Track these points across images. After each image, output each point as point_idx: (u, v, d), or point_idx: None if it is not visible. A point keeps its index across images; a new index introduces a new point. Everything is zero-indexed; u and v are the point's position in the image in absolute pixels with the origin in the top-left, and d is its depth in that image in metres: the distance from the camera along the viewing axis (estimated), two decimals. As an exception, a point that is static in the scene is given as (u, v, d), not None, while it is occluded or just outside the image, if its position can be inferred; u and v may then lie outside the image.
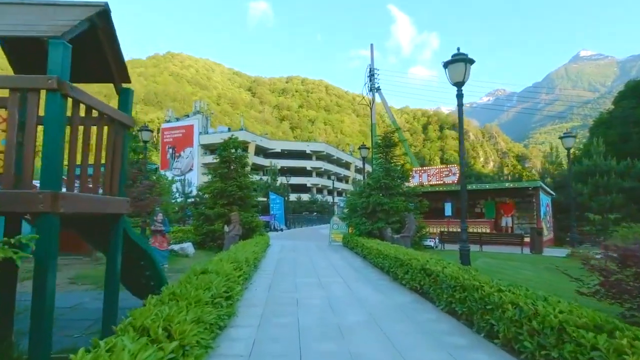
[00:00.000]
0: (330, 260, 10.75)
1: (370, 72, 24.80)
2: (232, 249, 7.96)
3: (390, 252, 7.98)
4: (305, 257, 11.36)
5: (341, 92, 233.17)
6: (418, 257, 6.77)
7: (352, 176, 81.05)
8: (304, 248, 14.45)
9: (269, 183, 32.73)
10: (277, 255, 11.84)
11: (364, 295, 6.25)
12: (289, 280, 7.58)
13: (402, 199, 12.88)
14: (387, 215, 12.72)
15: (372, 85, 24.63)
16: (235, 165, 13.54)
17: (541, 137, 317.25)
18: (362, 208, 13.07)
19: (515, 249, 13.60)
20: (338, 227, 15.80)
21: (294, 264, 9.87)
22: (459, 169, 18.70)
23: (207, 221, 12.72)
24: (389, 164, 13.63)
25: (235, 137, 13.83)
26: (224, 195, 12.86)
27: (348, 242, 13.90)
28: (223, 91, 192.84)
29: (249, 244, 9.31)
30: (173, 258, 10.02)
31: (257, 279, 7.54)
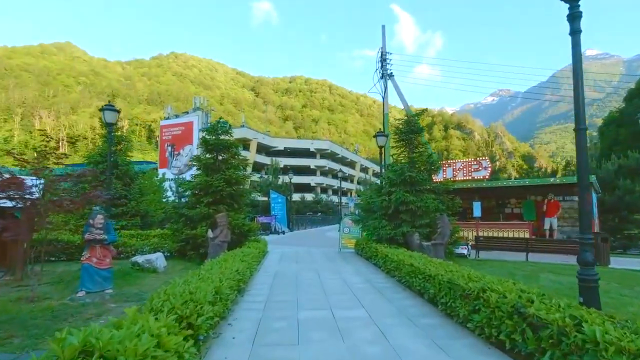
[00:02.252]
0: (343, 277, 8.17)
1: (381, 56, 22.20)
2: (205, 267, 5.41)
3: (439, 273, 5.39)
4: (310, 272, 8.79)
5: (345, 91, 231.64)
6: (495, 286, 4.17)
7: (358, 175, 78.40)
8: (309, 257, 11.88)
9: (270, 181, 30.21)
10: (274, 268, 9.28)
11: (415, 353, 3.67)
12: (288, 315, 5.02)
13: (431, 196, 10.28)
14: (413, 217, 10.12)
15: (384, 71, 22.02)
16: (225, 155, 10.99)
17: (546, 137, 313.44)
18: (381, 208, 10.48)
19: (570, 259, 10.95)
20: (350, 231, 13.22)
21: (296, 284, 7.30)
22: (491, 163, 16.07)
23: (187, 224, 10.19)
24: (413, 154, 11.04)
25: (225, 120, 11.29)
26: (208, 192, 10.31)
27: (363, 250, 11.32)
28: (226, 91, 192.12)
29: (234, 257, 6.74)
30: (134, 275, 7.47)
31: (239, 313, 4.98)
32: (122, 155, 14.48)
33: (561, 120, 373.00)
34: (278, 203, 26.89)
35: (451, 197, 11.06)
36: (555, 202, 14.53)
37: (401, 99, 21.79)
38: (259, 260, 9.48)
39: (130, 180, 14.60)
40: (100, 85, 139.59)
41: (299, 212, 40.18)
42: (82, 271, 5.34)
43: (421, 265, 6.22)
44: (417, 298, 6.11)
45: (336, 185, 72.47)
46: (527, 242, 11.35)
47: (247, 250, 8.29)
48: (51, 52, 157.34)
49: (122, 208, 13.76)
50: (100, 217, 5.52)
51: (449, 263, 6.17)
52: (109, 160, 10.47)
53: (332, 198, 65.22)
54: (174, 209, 10.64)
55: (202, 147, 10.96)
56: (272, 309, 5.30)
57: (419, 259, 7.00)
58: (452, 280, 4.88)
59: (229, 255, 6.87)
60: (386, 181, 10.76)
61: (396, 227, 10.25)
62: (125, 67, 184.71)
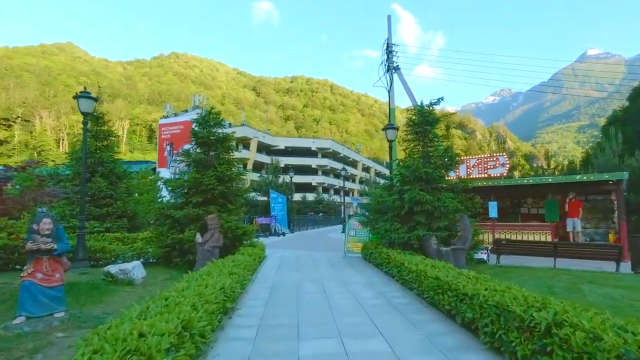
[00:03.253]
0: (352, 290, 6.98)
1: (387, 47, 20.98)
2: (179, 287, 4.23)
3: (479, 292, 4.20)
4: (313, 284, 7.61)
5: (346, 91, 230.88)
6: (574, 318, 2.98)
7: (360, 175, 77.16)
8: (311, 263, 10.70)
9: (270, 180, 29.03)
10: (272, 278, 8.09)
11: None
12: (286, 349, 3.83)
13: (450, 195, 9.08)
14: (429, 219, 8.93)
15: (389, 64, 20.81)
16: (217, 150, 9.82)
17: (548, 137, 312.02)
18: (392, 208, 9.29)
19: (603, 265, 9.74)
20: (356, 234, 12.04)
21: (297, 300, 6.11)
22: (508, 159, 14.84)
23: (174, 227, 9.01)
24: (428, 147, 9.84)
25: (217, 111, 10.11)
26: (198, 191, 9.14)
27: (371, 255, 10.13)
28: (227, 91, 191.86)
29: (222, 269, 5.56)
30: (104, 288, 6.29)
31: (223, 347, 3.80)
32: (109, 152, 13.30)
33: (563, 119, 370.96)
34: (278, 203, 25.71)
35: (470, 196, 9.86)
36: (577, 201, 13.31)
37: (408, 92, 20.58)
38: (254, 269, 8.30)
39: (117, 179, 13.44)
40: (101, 85, 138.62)
41: (300, 213, 39.01)
42: (21, 291, 4.17)
43: (451, 280, 5.03)
44: (446, 320, 4.92)
45: (338, 184, 71.26)
46: (555, 246, 10.13)
47: (240, 258, 7.11)
48: (52, 52, 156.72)
49: (107, 209, 12.61)
50: (48, 221, 4.35)
51: (486, 278, 4.97)
52: (84, 157, 9.25)
53: (334, 198, 64.03)
54: (158, 209, 9.46)
55: (192, 141, 9.79)
56: (266, 339, 4.12)
57: (444, 270, 5.80)
58: (503, 305, 3.68)
59: (215, 266, 5.68)
60: (398, 178, 9.57)
61: (410, 230, 9.06)
62: (126, 67, 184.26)
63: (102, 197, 12.63)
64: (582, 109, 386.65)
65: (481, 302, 4.08)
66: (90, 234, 11.62)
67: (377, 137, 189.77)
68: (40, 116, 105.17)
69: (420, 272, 6.21)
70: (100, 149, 13.32)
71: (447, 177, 10.06)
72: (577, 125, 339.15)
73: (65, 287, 5.49)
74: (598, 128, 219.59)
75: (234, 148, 10.21)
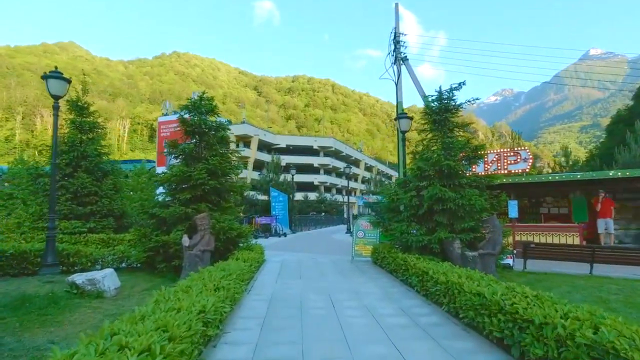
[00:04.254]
0: (367, 304, 5.82)
1: (394, 37, 19.81)
2: (139, 313, 3.06)
3: (552, 317, 3.03)
4: (320, 296, 6.44)
5: (348, 91, 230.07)
6: None
7: (362, 174, 75.98)
8: (316, 268, 9.53)
9: (271, 178, 27.87)
10: (270, 288, 6.93)
11: None
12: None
13: (475, 192, 7.89)
14: (452, 219, 7.77)
15: (397, 54, 19.64)
16: (209, 140, 8.66)
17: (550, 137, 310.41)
18: (409, 207, 8.11)
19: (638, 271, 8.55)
20: (364, 235, 10.87)
21: (301, 318, 4.96)
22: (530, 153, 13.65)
23: (159, 227, 7.87)
24: (449, 138, 8.65)
25: (210, 97, 8.96)
26: (187, 187, 7.99)
27: (383, 260, 8.97)
28: (229, 90, 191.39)
29: (207, 282, 4.40)
30: (64, 304, 5.13)
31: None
32: (94, 145, 12.16)
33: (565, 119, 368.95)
34: (279, 202, 24.54)
35: (496, 194, 8.66)
36: (608, 199, 12.12)
37: (416, 84, 19.34)
38: (250, 277, 7.14)
39: (103, 175, 12.31)
40: (102, 84, 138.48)
41: (302, 212, 37.86)
42: None
43: (501, 299, 3.86)
44: (497, 351, 3.76)
45: (340, 184, 70.11)
46: (593, 250, 8.93)
47: (233, 266, 5.95)
48: (54, 51, 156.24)
49: (90, 207, 11.49)
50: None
51: (552, 298, 3.79)
52: (54, 147, 8.05)
53: (336, 197, 62.89)
54: (141, 207, 8.31)
55: (180, 129, 8.62)
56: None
57: (485, 282, 4.64)
58: (606, 346, 2.51)
59: (198, 278, 4.51)
60: (415, 172, 8.39)
61: (430, 232, 7.89)
62: (127, 67, 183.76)
63: (86, 194, 11.52)
64: (584, 109, 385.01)
65: (560, 336, 2.92)
66: (71, 235, 10.53)
67: (379, 136, 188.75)
68: (42, 115, 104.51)
69: (451, 285, 5.04)
70: (85, 142, 12.19)
71: (468, 172, 8.88)
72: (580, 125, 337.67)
73: (17, 301, 4.36)
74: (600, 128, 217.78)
75: (229, 138, 9.04)
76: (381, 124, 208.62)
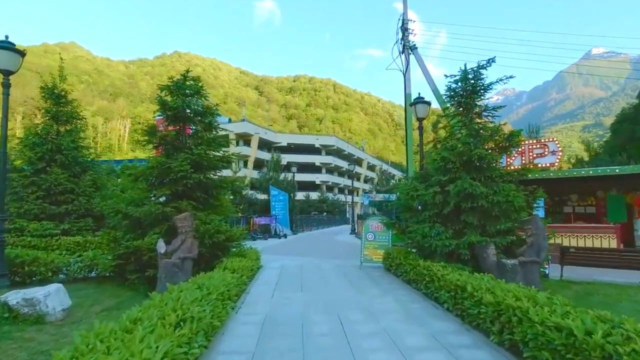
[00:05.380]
0: (388, 329, 4.50)
1: (402, 24, 18.48)
2: None
3: None
4: (326, 314, 5.14)
5: (349, 90, 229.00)
6: None
7: (364, 174, 74.63)
8: (320, 277, 8.22)
9: (271, 176, 26.57)
10: (266, 304, 5.62)
11: None
12: None
13: (512, 187, 6.58)
14: (484, 219, 6.46)
15: (405, 43, 18.31)
16: (195, 127, 7.36)
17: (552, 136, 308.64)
18: (431, 206, 6.79)
19: None
20: (374, 238, 9.55)
21: (303, 351, 3.66)
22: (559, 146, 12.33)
23: (134, 230, 6.58)
24: (476, 124, 7.34)
25: (196, 76, 7.66)
26: (166, 181, 6.70)
27: (398, 267, 7.66)
28: (230, 90, 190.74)
29: (168, 310, 3.09)
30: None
31: None
32: (70, 137, 10.88)
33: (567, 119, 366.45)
34: (279, 201, 23.23)
35: (532, 189, 7.32)
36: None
37: (426, 75, 18.07)
38: (240, 291, 5.84)
39: (81, 171, 11.03)
40: (102, 84, 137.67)
41: (303, 212, 36.55)
42: None
43: (603, 340, 2.55)
44: None
45: (342, 183, 68.76)
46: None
47: (215, 280, 4.64)
48: (55, 51, 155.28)
49: (65, 206, 10.21)
50: None
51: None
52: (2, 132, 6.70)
53: (339, 197, 61.58)
54: (113, 205, 6.99)
55: (160, 114, 7.31)
56: None
57: (560, 308, 3.32)
58: None
59: (155, 305, 3.19)
60: (437, 164, 7.06)
61: (457, 235, 6.58)
62: (128, 66, 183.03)
63: (60, 191, 10.23)
64: (586, 108, 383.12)
65: None
66: (42, 238, 9.25)
67: (381, 136, 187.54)
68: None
69: (506, 308, 3.72)
70: (61, 134, 10.92)
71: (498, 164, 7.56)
72: (582, 125, 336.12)
73: None
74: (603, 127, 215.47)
75: (217, 125, 7.70)
76: (383, 123, 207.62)
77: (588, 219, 12.98)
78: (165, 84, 7.21)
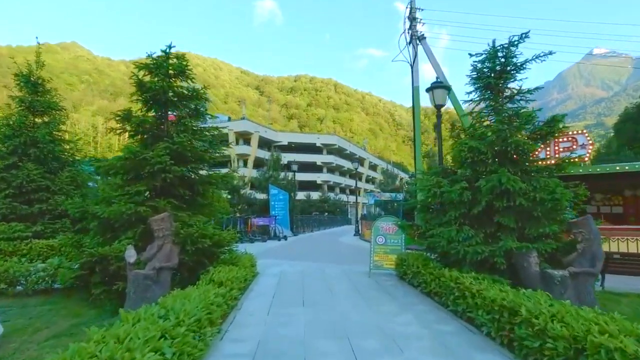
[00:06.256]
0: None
1: (410, 12, 17.40)
2: None
3: None
4: (334, 341, 4.05)
5: (350, 90, 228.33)
6: None
7: (366, 173, 73.50)
8: (325, 287, 7.13)
9: (270, 174, 25.47)
10: (258, 327, 4.53)
11: None
12: None
13: (557, 181, 5.49)
14: (522, 220, 5.37)
15: (412, 32, 17.23)
16: (179, 113, 6.29)
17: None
18: (459, 204, 5.70)
19: None
20: (385, 241, 8.45)
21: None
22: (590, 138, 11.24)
23: (103, 233, 5.52)
24: (505, 109, 6.25)
25: (181, 54, 6.55)
26: (141, 175, 5.62)
27: (417, 276, 6.57)
28: (231, 90, 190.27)
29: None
30: None
31: None
32: (47, 129, 9.82)
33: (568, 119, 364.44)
34: (279, 201, 22.14)
35: (575, 184, 6.22)
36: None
37: (435, 67, 16.95)
38: (231, 305, 4.77)
39: (59, 167, 9.97)
40: (103, 84, 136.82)
41: (304, 212, 35.44)
42: None
43: None
44: None
45: (344, 183, 67.66)
46: None
47: (191, 303, 3.55)
48: (55, 51, 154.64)
49: (39, 206, 9.14)
50: None
51: None
52: None
53: (340, 197, 60.47)
54: (79, 204, 5.90)
55: (136, 97, 6.21)
56: None
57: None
58: None
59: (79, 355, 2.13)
60: (463, 156, 5.96)
61: (489, 240, 5.48)
62: (129, 66, 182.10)
63: (34, 189, 9.16)
64: (588, 109, 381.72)
65: None
66: (10, 241, 8.19)
67: (382, 135, 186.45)
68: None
69: (593, 347, 2.65)
70: (37, 126, 9.86)
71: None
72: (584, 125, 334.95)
73: None
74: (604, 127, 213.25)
75: (206, 111, 6.58)
76: (384, 123, 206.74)
77: (615, 220, 11.89)
78: (144, 62, 6.12)
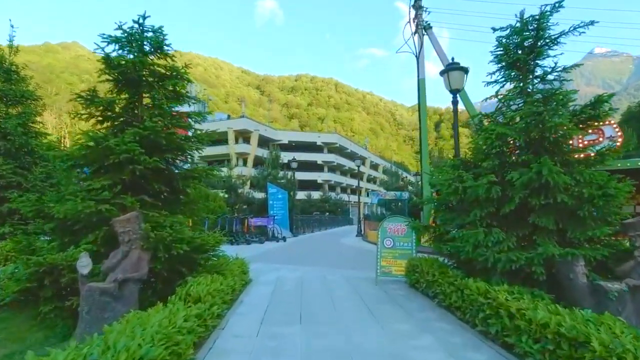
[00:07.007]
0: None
1: (414, 1, 16.41)
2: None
3: None
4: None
5: (351, 89, 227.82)
6: None
7: (367, 173, 72.54)
8: (327, 297, 6.20)
9: (269, 172, 24.54)
10: (245, 355, 3.62)
11: None
12: None
13: (605, 175, 4.58)
14: (564, 222, 4.44)
15: (418, 21, 16.28)
16: (152, 93, 5.33)
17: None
18: (486, 202, 4.77)
19: None
20: (394, 244, 7.52)
21: None
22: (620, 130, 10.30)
23: (60, 235, 4.61)
24: (536, 90, 5.33)
25: (158, 26, 5.56)
26: (105, 167, 4.68)
27: (432, 285, 5.65)
28: (231, 89, 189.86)
29: None
30: None
31: None
32: (19, 120, 8.91)
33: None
34: (278, 200, 21.21)
35: (620, 178, 5.29)
36: None
37: (441, 57, 16.01)
38: (212, 324, 3.84)
39: (33, 162, 9.06)
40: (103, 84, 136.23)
41: (304, 212, 34.48)
42: None
43: None
44: None
45: (345, 182, 66.72)
46: None
47: (147, 332, 2.63)
48: (56, 50, 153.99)
49: (8, 205, 8.20)
50: None
51: None
52: None
53: (341, 196, 59.55)
54: (35, 202, 4.98)
55: (105, 76, 5.27)
56: None
57: None
58: None
59: None
60: (490, 145, 5.04)
61: (526, 244, 4.56)
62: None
63: (3, 186, 8.25)
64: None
65: None
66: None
67: (382, 135, 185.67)
68: (41, 114, 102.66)
69: None
70: (9, 116, 8.95)
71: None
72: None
73: None
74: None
75: (187, 94, 5.63)
76: (385, 122, 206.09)
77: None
78: (115, 36, 5.18)
